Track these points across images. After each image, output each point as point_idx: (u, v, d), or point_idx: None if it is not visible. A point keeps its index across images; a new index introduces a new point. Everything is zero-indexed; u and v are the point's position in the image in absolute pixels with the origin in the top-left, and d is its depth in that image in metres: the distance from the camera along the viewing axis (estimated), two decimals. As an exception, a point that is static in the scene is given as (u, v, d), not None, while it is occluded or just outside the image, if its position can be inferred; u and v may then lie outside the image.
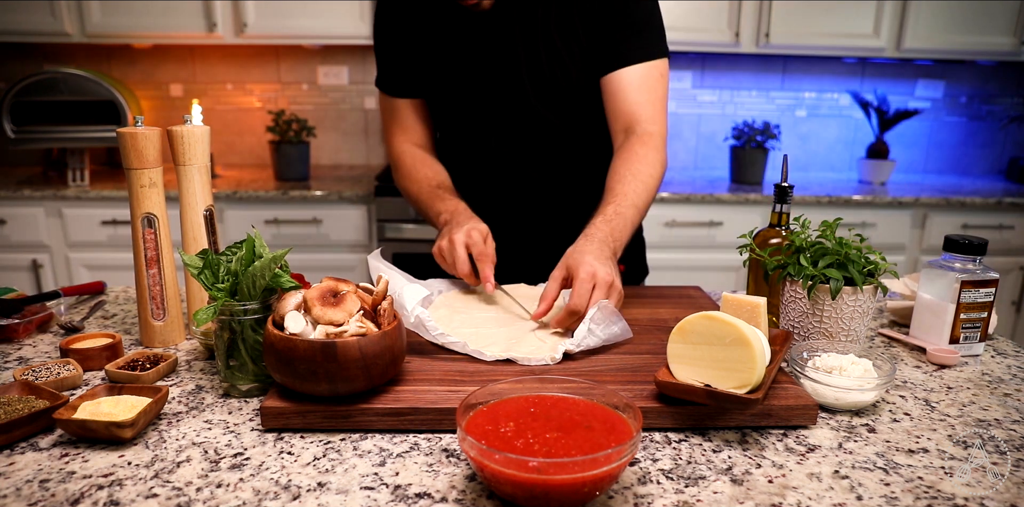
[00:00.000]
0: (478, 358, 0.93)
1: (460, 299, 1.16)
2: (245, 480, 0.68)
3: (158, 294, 1.02)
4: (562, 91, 1.26)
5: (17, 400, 0.79)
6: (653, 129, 1.22)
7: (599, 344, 0.96)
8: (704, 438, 0.78)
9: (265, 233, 2.66)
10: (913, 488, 0.68)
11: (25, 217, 2.59)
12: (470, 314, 1.09)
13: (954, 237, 1.01)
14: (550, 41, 1.23)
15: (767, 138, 2.92)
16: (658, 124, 1.23)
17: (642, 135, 1.21)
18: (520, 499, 0.62)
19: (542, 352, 0.94)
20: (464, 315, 1.08)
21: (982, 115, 3.33)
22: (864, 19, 2.80)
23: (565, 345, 0.93)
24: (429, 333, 0.95)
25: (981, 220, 2.77)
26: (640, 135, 1.21)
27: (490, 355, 0.93)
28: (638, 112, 1.22)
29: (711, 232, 2.73)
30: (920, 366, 1.00)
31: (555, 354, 0.92)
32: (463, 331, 1.00)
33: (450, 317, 1.07)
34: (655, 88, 1.23)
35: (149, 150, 0.99)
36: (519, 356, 0.92)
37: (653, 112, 1.23)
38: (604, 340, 0.96)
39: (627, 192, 1.14)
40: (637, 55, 1.21)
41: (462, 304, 1.13)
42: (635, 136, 1.21)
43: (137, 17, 2.68)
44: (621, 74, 1.22)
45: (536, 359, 0.92)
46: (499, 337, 0.99)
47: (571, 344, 0.93)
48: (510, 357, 0.92)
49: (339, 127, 3.21)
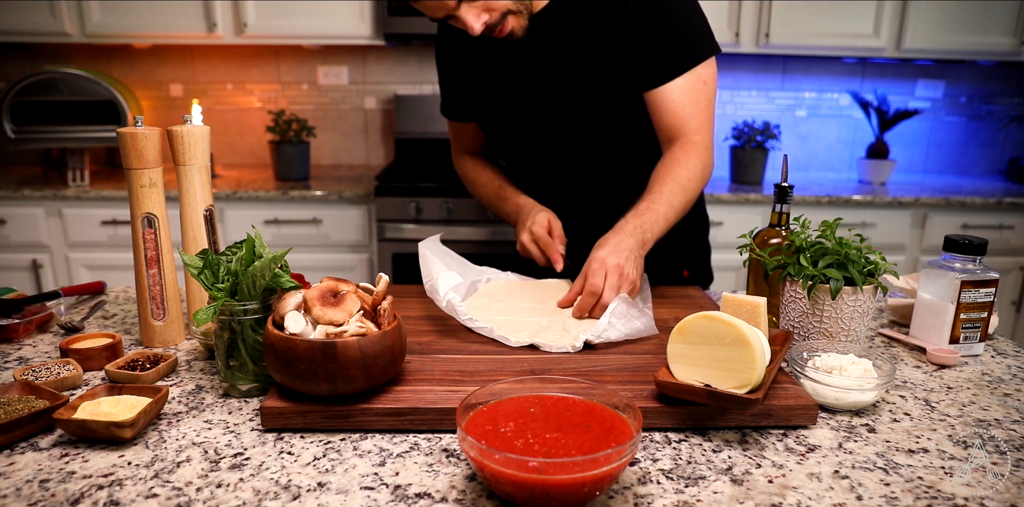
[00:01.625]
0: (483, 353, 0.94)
1: (504, 289, 1.20)
2: (245, 480, 0.68)
3: (158, 294, 1.02)
4: (604, 109, 1.27)
5: (17, 400, 0.79)
6: (697, 139, 1.23)
7: (621, 337, 0.98)
8: (704, 438, 0.78)
9: (265, 233, 2.66)
10: (913, 488, 0.68)
11: (25, 217, 2.59)
12: (509, 303, 1.13)
13: (954, 237, 1.01)
14: (588, 62, 1.23)
15: (767, 138, 2.92)
16: (702, 134, 1.24)
17: (685, 144, 1.22)
18: (520, 499, 0.62)
19: (564, 340, 0.97)
20: (503, 303, 1.12)
21: (982, 115, 3.33)
22: (864, 19, 2.80)
23: (587, 335, 0.96)
24: (459, 316, 1.01)
25: (981, 220, 2.77)
26: (683, 144, 1.22)
27: (515, 341, 0.97)
28: (683, 126, 1.23)
29: (711, 232, 2.73)
30: (920, 366, 1.00)
31: (576, 343, 0.95)
32: (498, 319, 1.05)
33: (489, 305, 1.12)
34: (698, 99, 1.22)
35: (149, 150, 0.99)
36: (541, 342, 0.96)
37: (698, 124, 1.23)
38: (626, 334, 0.99)
39: (663, 191, 1.17)
40: (677, 68, 1.20)
41: (505, 293, 1.17)
42: (678, 144, 1.23)
43: (137, 17, 2.68)
44: (664, 90, 1.21)
45: (557, 346, 0.95)
46: (530, 325, 1.03)
47: (592, 335, 0.96)
48: (534, 342, 0.97)
49: (339, 127, 3.21)
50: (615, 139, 1.32)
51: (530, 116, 1.32)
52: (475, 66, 1.33)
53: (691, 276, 1.47)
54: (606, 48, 1.22)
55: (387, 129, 3.22)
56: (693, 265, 1.49)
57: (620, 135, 1.32)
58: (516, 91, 1.30)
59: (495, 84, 1.32)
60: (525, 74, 1.28)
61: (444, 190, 2.53)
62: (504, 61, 1.29)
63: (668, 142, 1.25)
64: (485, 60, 1.31)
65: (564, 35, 1.23)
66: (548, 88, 1.27)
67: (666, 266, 1.39)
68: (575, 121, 1.29)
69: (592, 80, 1.24)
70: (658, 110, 1.23)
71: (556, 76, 1.26)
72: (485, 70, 1.32)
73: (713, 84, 1.24)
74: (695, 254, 1.50)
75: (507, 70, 1.29)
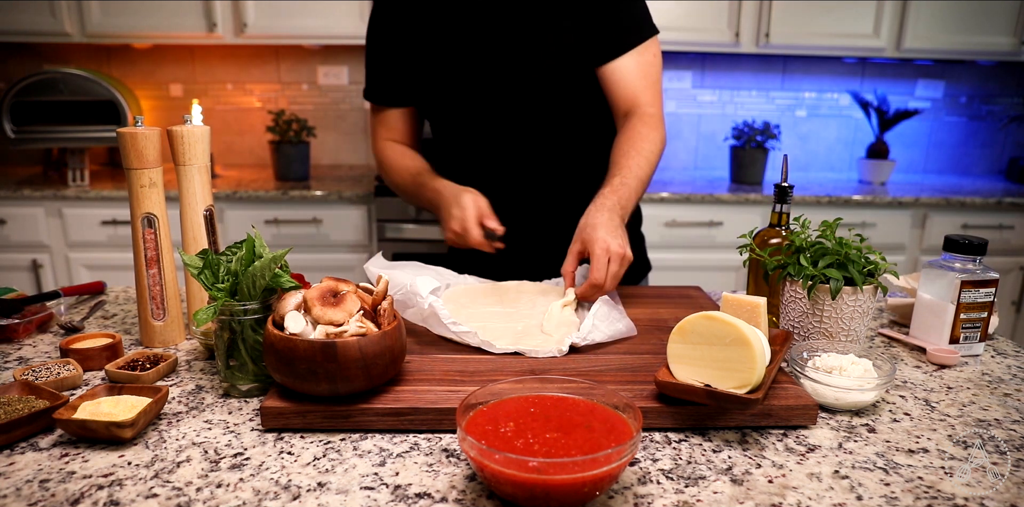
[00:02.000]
0: (483, 353, 0.94)
1: (467, 295, 1.17)
2: (245, 480, 0.68)
3: (158, 294, 1.02)
4: (553, 81, 1.28)
5: (17, 400, 0.79)
6: (652, 110, 1.28)
7: (605, 339, 0.98)
8: (704, 438, 0.78)
9: (265, 233, 2.66)
10: (913, 488, 0.68)
11: (25, 217, 2.59)
12: (476, 309, 1.10)
13: (954, 237, 1.01)
14: (539, 35, 1.25)
15: (767, 138, 2.92)
16: (656, 105, 1.30)
17: (643, 116, 1.26)
18: (520, 499, 0.62)
19: (549, 345, 0.96)
20: (470, 310, 1.09)
21: (982, 115, 3.33)
22: (864, 19, 2.80)
23: (571, 338, 0.96)
24: (442, 322, 0.96)
25: (981, 220, 2.77)
26: (641, 116, 1.26)
27: (499, 347, 0.95)
28: (638, 97, 1.28)
29: (711, 232, 2.73)
30: (920, 366, 1.00)
31: (561, 346, 0.94)
32: (471, 325, 1.02)
33: (457, 312, 1.08)
34: (650, 71, 1.29)
35: (149, 150, 0.99)
36: (526, 349, 0.94)
37: (652, 95, 1.29)
38: (609, 335, 0.98)
39: (631, 165, 1.20)
40: (628, 42, 1.26)
41: (468, 299, 1.14)
42: (636, 117, 1.26)
43: (137, 17, 2.68)
44: (616, 64, 1.26)
45: (544, 352, 0.94)
46: (506, 332, 1.01)
47: (577, 337, 0.95)
48: (518, 350, 0.95)
49: (339, 127, 3.21)
50: (565, 124, 1.33)
51: (476, 91, 1.30)
52: (420, 38, 1.30)
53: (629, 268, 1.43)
54: (559, 22, 1.24)
55: (387, 129, 3.22)
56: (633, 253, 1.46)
57: (569, 120, 1.32)
58: (464, 65, 1.29)
59: (442, 58, 1.30)
60: (471, 46, 1.27)
61: (444, 190, 2.53)
62: (453, 32, 1.28)
63: (624, 115, 1.29)
64: (432, 31, 1.29)
65: (516, 6, 1.25)
66: (494, 61, 1.27)
67: None
68: (523, 97, 1.29)
69: (543, 54, 1.26)
70: (613, 84, 1.28)
71: (506, 48, 1.26)
72: (431, 42, 1.30)
73: (660, 62, 1.31)
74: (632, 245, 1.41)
75: (456, 42, 1.28)
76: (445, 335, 0.98)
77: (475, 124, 1.35)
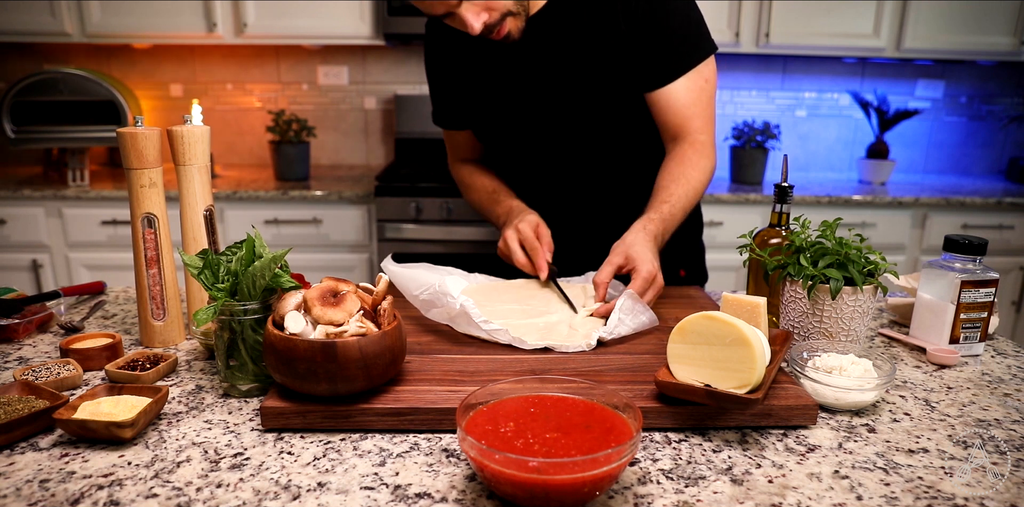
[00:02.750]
0: (483, 353, 0.94)
1: (481, 292, 1.18)
2: (245, 480, 0.68)
3: (158, 294, 1.02)
4: (602, 111, 1.26)
5: (17, 400, 0.79)
6: (703, 138, 1.24)
7: (630, 332, 1.00)
8: (704, 438, 0.78)
9: (265, 233, 2.66)
10: (913, 488, 0.68)
11: (25, 217, 2.59)
12: (493, 307, 1.11)
13: (954, 237, 1.01)
14: (585, 64, 1.22)
15: (767, 138, 2.92)
16: (707, 133, 1.25)
17: (694, 143, 1.23)
18: (520, 499, 0.62)
19: (576, 339, 0.98)
20: (488, 308, 1.10)
21: (982, 115, 3.33)
22: (864, 19, 2.80)
23: (599, 332, 0.97)
24: (473, 321, 0.98)
25: (981, 220, 2.77)
26: (692, 142, 1.23)
27: (530, 344, 0.96)
28: (688, 124, 1.24)
29: (711, 232, 2.73)
30: (920, 366, 1.00)
31: (590, 341, 0.96)
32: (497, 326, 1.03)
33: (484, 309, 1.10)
34: (701, 97, 1.23)
35: (149, 150, 0.99)
36: (556, 344, 0.96)
37: (702, 122, 1.24)
38: (634, 328, 1.01)
39: (680, 194, 1.19)
40: (681, 67, 1.21)
41: (483, 297, 1.15)
42: (687, 143, 1.23)
43: (137, 17, 2.68)
44: (668, 90, 1.21)
45: (573, 346, 0.96)
46: (530, 328, 1.03)
47: (604, 332, 0.97)
48: (548, 345, 0.96)
49: (339, 127, 3.21)
50: (612, 143, 1.31)
51: (526, 121, 1.30)
52: (468, 71, 1.31)
53: (687, 275, 1.47)
54: (606, 49, 1.21)
55: (387, 129, 3.22)
56: (689, 264, 1.48)
57: (618, 139, 1.31)
58: (511, 96, 1.29)
59: (489, 89, 1.30)
60: (521, 78, 1.27)
61: (444, 190, 2.53)
62: (499, 65, 1.27)
63: (673, 140, 1.26)
64: (478, 65, 1.29)
65: (561, 37, 1.22)
66: (544, 91, 1.26)
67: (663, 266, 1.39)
68: (572, 125, 1.28)
69: (591, 82, 1.23)
70: (663, 110, 1.24)
71: (553, 79, 1.25)
72: (478, 75, 1.30)
73: (714, 82, 1.25)
74: (690, 254, 1.50)
75: (502, 74, 1.28)
76: (474, 334, 1.00)
77: (524, 151, 1.36)
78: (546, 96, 1.27)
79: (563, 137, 1.31)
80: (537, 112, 1.29)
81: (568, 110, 1.27)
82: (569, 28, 1.22)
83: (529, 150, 1.36)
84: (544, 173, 1.38)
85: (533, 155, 1.36)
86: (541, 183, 1.40)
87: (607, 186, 1.37)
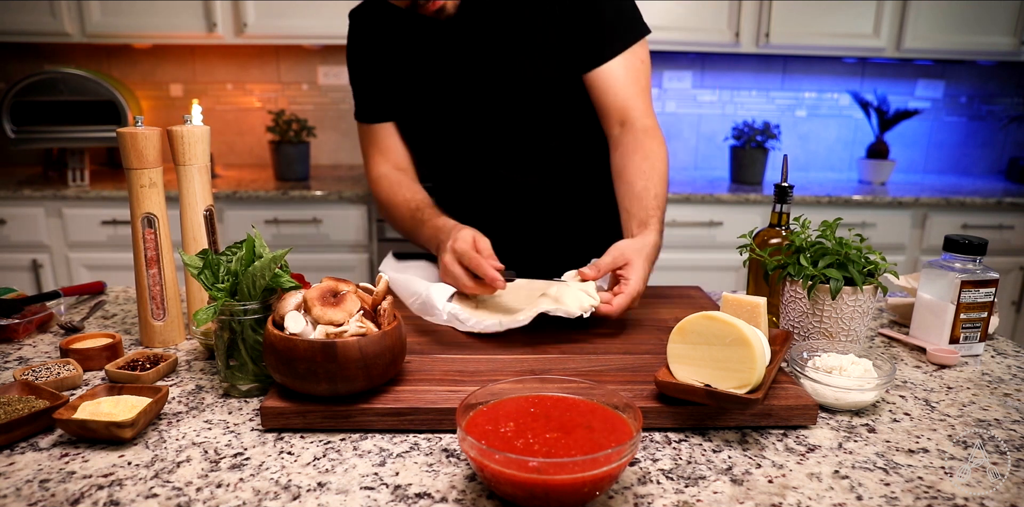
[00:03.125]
0: (482, 353, 0.94)
1: None
2: (245, 480, 0.68)
3: (158, 294, 1.02)
4: (540, 91, 1.24)
5: (17, 400, 0.79)
6: (650, 122, 1.23)
7: None
8: (704, 438, 0.78)
9: (265, 233, 2.66)
10: (913, 488, 0.68)
11: (25, 217, 2.59)
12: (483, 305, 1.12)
13: (954, 237, 1.01)
14: (521, 43, 1.21)
15: (767, 138, 2.92)
16: (651, 114, 1.25)
17: (645, 129, 1.21)
18: (520, 499, 0.62)
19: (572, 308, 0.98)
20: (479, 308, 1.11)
21: (982, 115, 3.33)
22: (864, 19, 2.80)
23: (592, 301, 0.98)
24: (464, 325, 1.01)
25: (981, 220, 2.77)
26: (644, 129, 1.21)
27: (524, 318, 0.98)
28: (630, 106, 1.22)
29: (711, 232, 2.73)
30: (920, 366, 1.00)
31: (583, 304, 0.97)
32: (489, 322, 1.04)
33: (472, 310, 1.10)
34: (639, 77, 1.23)
35: (149, 150, 0.99)
36: (550, 308, 0.97)
37: (644, 104, 1.23)
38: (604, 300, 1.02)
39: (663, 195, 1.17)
40: (616, 47, 1.20)
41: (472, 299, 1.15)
42: (639, 130, 1.21)
43: (137, 17, 2.68)
44: (604, 70, 1.21)
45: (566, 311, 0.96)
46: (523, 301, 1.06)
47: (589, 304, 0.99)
48: (542, 311, 0.97)
49: (339, 127, 3.21)
50: (552, 132, 1.27)
51: (459, 107, 1.25)
52: (397, 56, 1.26)
53: None
54: (541, 29, 1.19)
55: (387, 129, 3.22)
56: None
57: (556, 128, 1.27)
58: (444, 79, 1.24)
59: (420, 73, 1.25)
60: (454, 60, 1.22)
61: (444, 190, 2.53)
62: (431, 47, 1.23)
63: (619, 125, 1.23)
64: (409, 48, 1.24)
65: (496, 16, 1.19)
66: (478, 74, 1.22)
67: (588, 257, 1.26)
68: (508, 111, 1.24)
69: (526, 64, 1.20)
70: (603, 92, 1.22)
71: (487, 61, 1.21)
72: (409, 59, 1.25)
73: (649, 64, 1.25)
74: None
75: (434, 57, 1.23)
76: (476, 330, 1.02)
77: (458, 136, 1.30)
78: (480, 79, 1.23)
79: (499, 125, 1.26)
80: (471, 96, 1.24)
81: (503, 94, 1.23)
82: (503, 8, 1.20)
83: (463, 141, 1.29)
84: (480, 168, 1.32)
85: (467, 147, 1.30)
86: (476, 180, 1.33)
87: (548, 180, 1.32)
